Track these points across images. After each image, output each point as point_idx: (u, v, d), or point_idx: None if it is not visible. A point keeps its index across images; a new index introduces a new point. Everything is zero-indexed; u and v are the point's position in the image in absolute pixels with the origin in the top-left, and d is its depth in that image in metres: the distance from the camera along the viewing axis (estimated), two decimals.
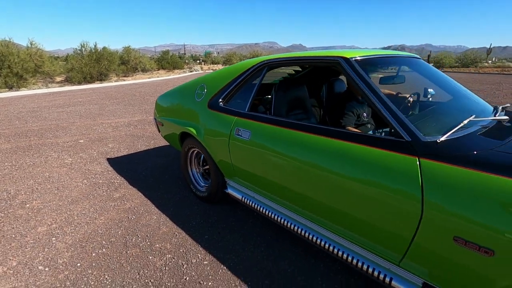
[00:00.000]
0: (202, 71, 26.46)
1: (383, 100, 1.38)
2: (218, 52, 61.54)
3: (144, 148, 4.23)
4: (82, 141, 4.62)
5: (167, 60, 31.02)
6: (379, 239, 1.37)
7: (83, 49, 20.44)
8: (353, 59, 1.58)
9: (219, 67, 32.78)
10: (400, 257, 1.31)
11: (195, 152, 2.68)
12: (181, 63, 32.35)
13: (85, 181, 3.12)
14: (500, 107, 1.76)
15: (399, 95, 2.29)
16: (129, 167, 3.50)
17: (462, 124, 1.28)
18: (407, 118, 1.32)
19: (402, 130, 1.28)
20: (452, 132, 1.24)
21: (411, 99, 1.91)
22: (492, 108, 1.81)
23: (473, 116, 1.35)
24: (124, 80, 18.96)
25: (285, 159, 1.69)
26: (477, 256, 1.03)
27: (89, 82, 17.92)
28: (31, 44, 15.91)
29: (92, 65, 18.94)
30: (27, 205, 2.62)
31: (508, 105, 1.97)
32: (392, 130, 1.32)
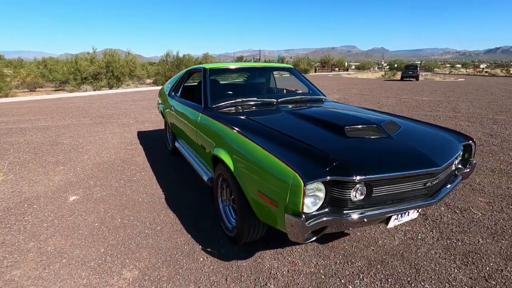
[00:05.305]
0: None
1: (205, 88, 2.86)
2: (291, 57, 63.26)
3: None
4: (131, 121, 6.89)
5: None
6: (198, 151, 2.85)
7: (168, 56, 24.63)
8: (208, 68, 3.08)
9: None
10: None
11: None
12: None
13: (118, 140, 5.19)
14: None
15: (296, 90, 3.62)
16: (146, 136, 5.49)
17: (230, 101, 2.70)
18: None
19: (203, 102, 2.76)
20: (221, 104, 2.67)
21: (285, 89, 3.37)
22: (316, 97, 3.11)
23: (243, 99, 2.74)
24: None
25: (179, 117, 3.30)
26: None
27: None
28: (128, 53, 20.28)
29: (173, 70, 22.85)
30: (84, 147, 4.77)
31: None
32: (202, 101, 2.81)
